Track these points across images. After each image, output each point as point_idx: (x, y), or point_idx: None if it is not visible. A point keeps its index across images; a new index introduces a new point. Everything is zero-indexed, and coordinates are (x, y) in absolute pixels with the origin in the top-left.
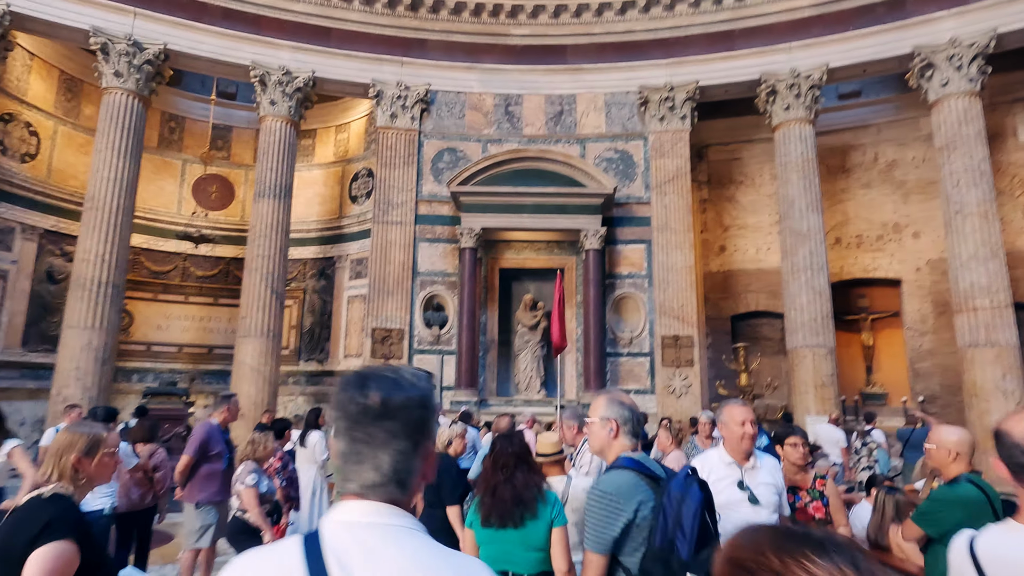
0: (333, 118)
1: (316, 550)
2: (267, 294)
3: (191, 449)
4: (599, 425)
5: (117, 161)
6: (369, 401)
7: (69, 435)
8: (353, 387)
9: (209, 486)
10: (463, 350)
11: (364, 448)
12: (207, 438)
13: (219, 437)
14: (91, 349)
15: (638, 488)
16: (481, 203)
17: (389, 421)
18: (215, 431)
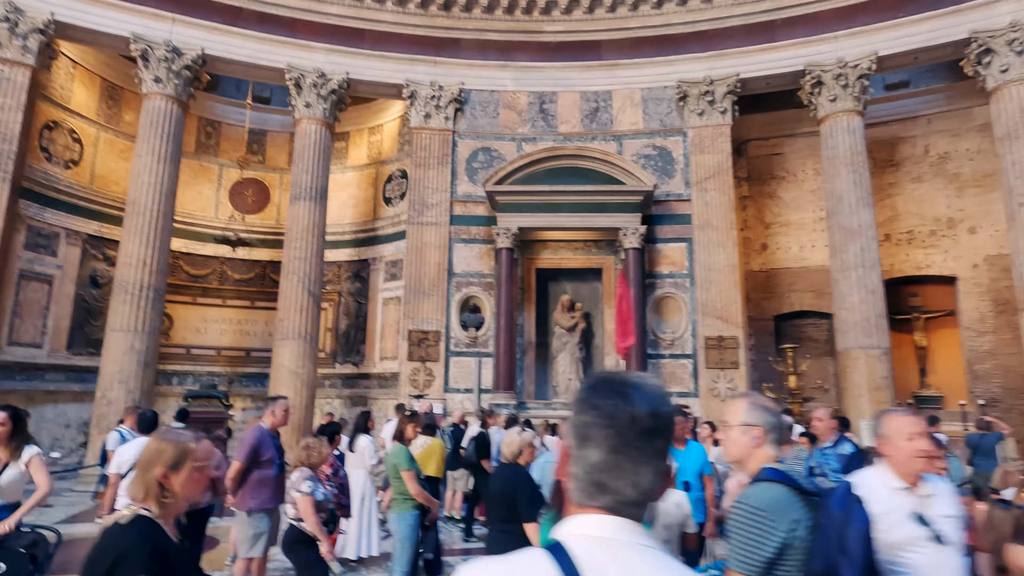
0: (366, 120)
1: (570, 567)
2: (304, 296)
3: (242, 454)
4: (739, 432)
5: (157, 166)
6: (640, 412)
7: (156, 444)
8: (616, 394)
9: (260, 493)
10: (500, 352)
11: (626, 462)
12: (258, 443)
13: (270, 442)
14: (134, 352)
15: (792, 505)
16: (517, 202)
17: (657, 437)
18: (266, 436)
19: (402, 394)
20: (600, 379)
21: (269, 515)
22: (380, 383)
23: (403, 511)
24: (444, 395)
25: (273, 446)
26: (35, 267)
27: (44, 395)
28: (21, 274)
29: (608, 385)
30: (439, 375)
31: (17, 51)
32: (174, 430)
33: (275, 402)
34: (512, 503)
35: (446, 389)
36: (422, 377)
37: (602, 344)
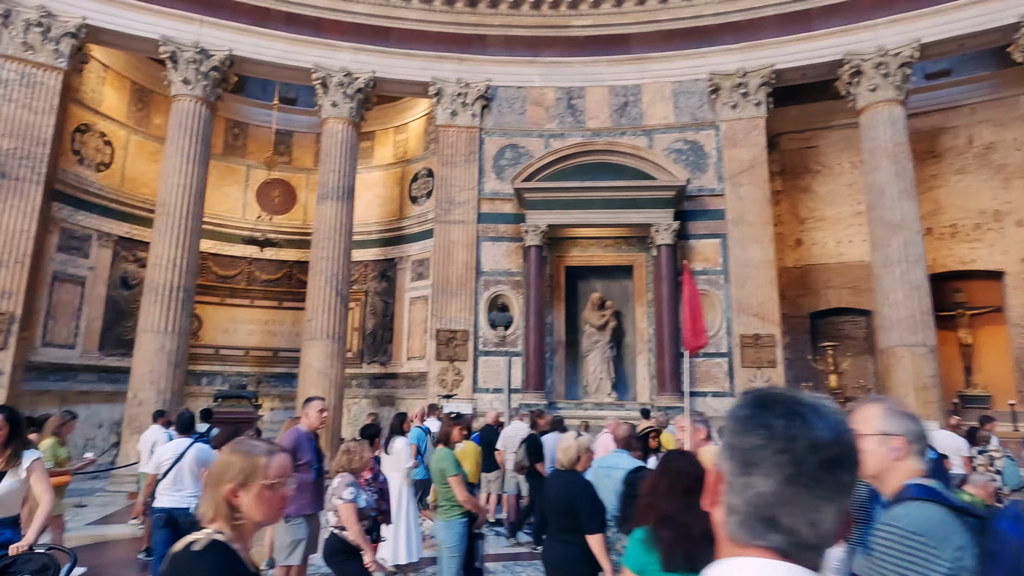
0: (391, 119)
1: None
2: (332, 296)
3: None
4: (876, 442)
5: (186, 167)
6: (822, 438)
7: (225, 457)
8: (792, 414)
9: (298, 498)
10: (530, 351)
11: (804, 495)
12: (295, 446)
13: (308, 444)
14: (164, 353)
15: (952, 528)
16: (546, 199)
17: (843, 470)
18: (303, 438)
19: (430, 394)
20: (767, 395)
21: (308, 521)
22: (408, 383)
23: (450, 518)
24: (473, 395)
25: (311, 449)
26: (68, 269)
27: (77, 395)
28: (54, 276)
29: (779, 402)
30: (467, 375)
31: (49, 55)
32: (248, 441)
33: (309, 403)
34: (572, 513)
35: (475, 389)
36: (450, 377)
37: (633, 343)
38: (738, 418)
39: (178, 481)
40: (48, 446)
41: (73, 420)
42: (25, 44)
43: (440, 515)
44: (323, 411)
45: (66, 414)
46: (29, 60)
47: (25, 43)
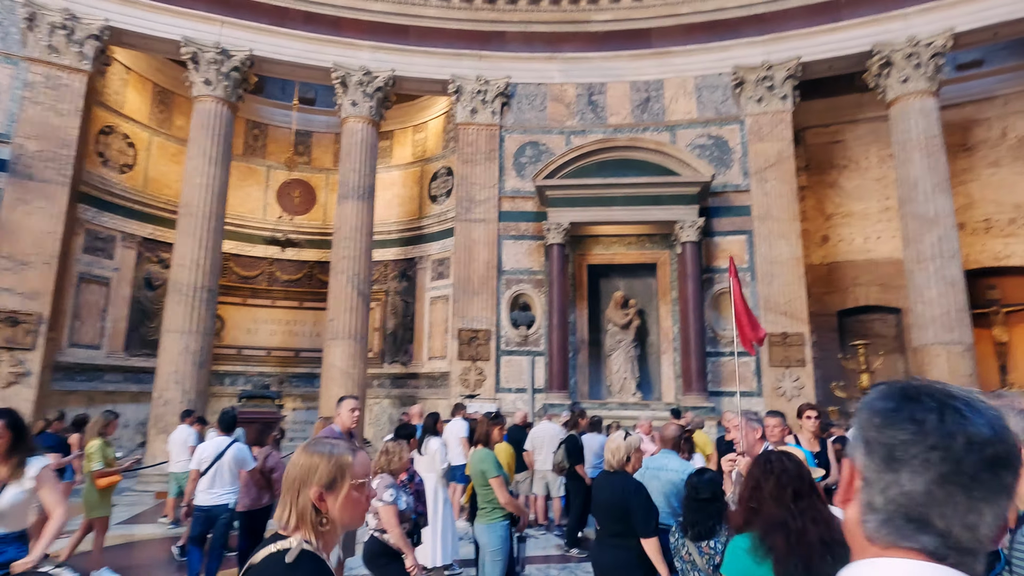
0: (410, 118)
1: None
2: (353, 296)
3: None
4: None
5: (208, 167)
6: (980, 435)
7: (307, 459)
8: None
9: None
10: (553, 351)
11: (959, 495)
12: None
13: (336, 434)
14: (188, 353)
15: None
16: (568, 196)
17: (1005, 470)
18: (334, 431)
19: (453, 394)
20: (913, 387)
21: None
22: (429, 383)
23: (492, 521)
24: (496, 395)
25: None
26: (93, 270)
27: (103, 395)
28: (80, 277)
29: (929, 395)
30: (490, 374)
31: (74, 57)
32: (326, 440)
33: (342, 402)
34: (624, 516)
35: (497, 389)
36: (473, 376)
37: (657, 342)
38: (879, 410)
39: (218, 479)
40: (96, 447)
41: (116, 419)
42: (50, 47)
43: (481, 518)
44: (355, 410)
45: (108, 414)
46: (54, 63)
47: (50, 46)
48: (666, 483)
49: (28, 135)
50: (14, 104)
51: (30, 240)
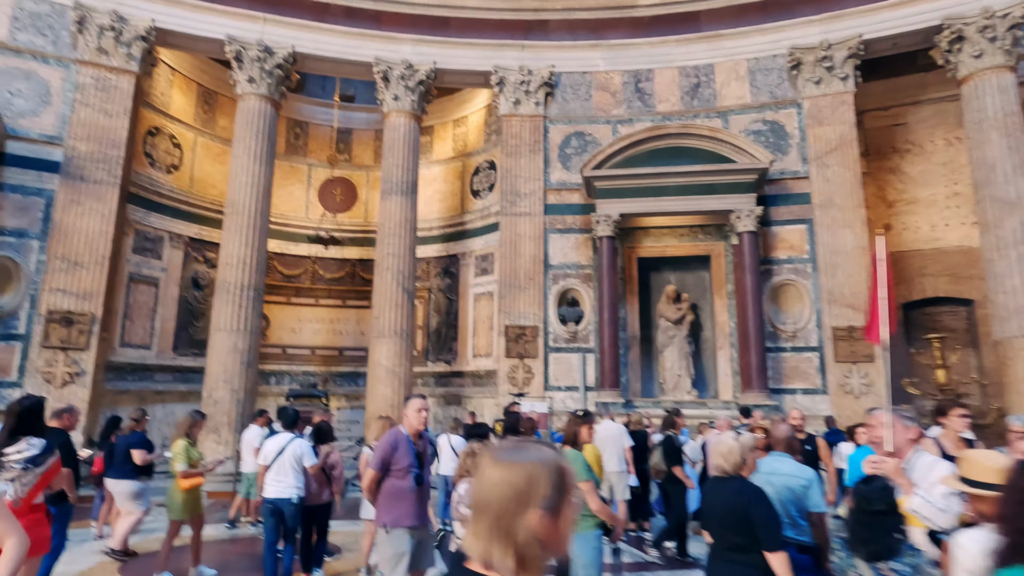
0: (450, 113)
1: None
2: (399, 293)
3: (375, 462)
4: None
5: (253, 165)
6: None
7: (515, 471)
8: None
9: (395, 507)
10: (605, 347)
11: None
12: (391, 448)
13: (408, 448)
14: (236, 352)
15: None
16: (617, 187)
17: None
18: (402, 440)
19: (500, 392)
20: None
21: (413, 534)
22: (475, 381)
23: (584, 531)
24: (544, 393)
25: (412, 453)
26: (142, 270)
27: (154, 395)
28: (130, 277)
29: None
30: (538, 372)
31: (122, 59)
32: (523, 443)
33: (408, 402)
34: (744, 527)
35: (546, 387)
36: (521, 374)
37: (712, 337)
38: None
39: (281, 473)
40: (181, 448)
41: (203, 420)
42: (99, 49)
43: None
44: (423, 410)
45: (196, 414)
46: (103, 64)
47: (99, 48)
48: (781, 489)
49: (79, 137)
50: (66, 107)
51: (82, 241)
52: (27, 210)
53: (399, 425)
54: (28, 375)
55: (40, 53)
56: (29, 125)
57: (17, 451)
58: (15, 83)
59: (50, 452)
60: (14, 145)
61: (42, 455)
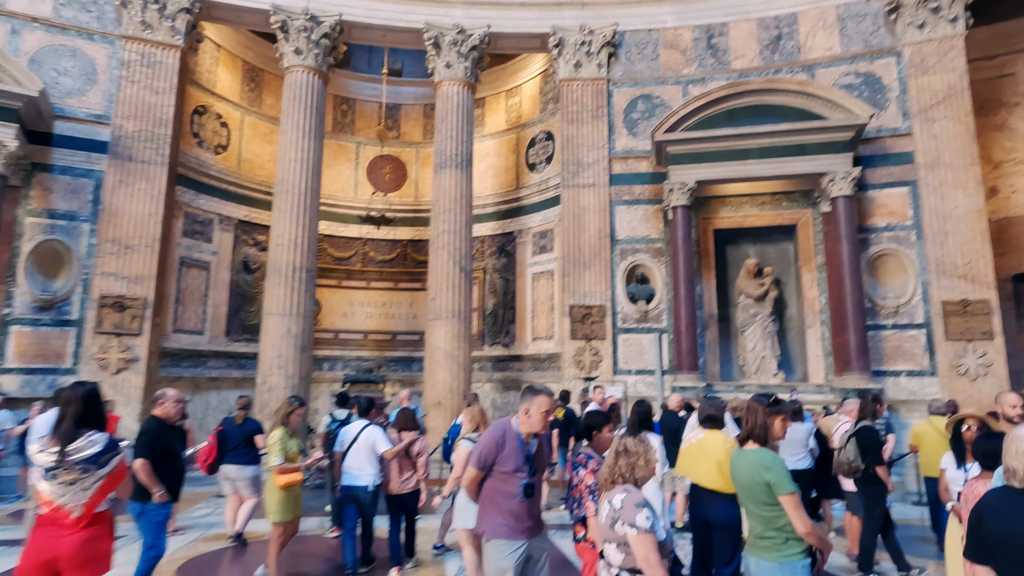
0: (502, 83)
1: None
2: (455, 272)
3: (474, 457)
4: None
5: (302, 141)
6: None
7: None
8: None
9: (495, 515)
10: (682, 327)
11: None
12: (494, 447)
13: (517, 449)
14: (290, 336)
15: None
16: (693, 152)
17: None
18: (511, 439)
19: (565, 377)
20: None
21: (517, 548)
22: (535, 365)
23: (787, 558)
24: (614, 377)
25: (523, 456)
26: (193, 254)
27: (207, 382)
28: (181, 261)
29: None
30: (607, 355)
31: (167, 32)
32: None
33: (532, 397)
34: None
35: (615, 371)
36: (588, 358)
37: (799, 315)
38: None
39: (355, 460)
40: (277, 438)
41: (302, 407)
42: (143, 23)
43: (767, 551)
44: (549, 414)
45: (294, 400)
46: (148, 39)
47: (143, 22)
48: None
49: (126, 115)
50: (112, 85)
51: (132, 223)
52: (77, 192)
53: (511, 417)
54: (83, 362)
55: (85, 29)
56: (76, 104)
57: (78, 448)
58: (61, 61)
59: (114, 450)
60: (62, 125)
61: (106, 453)
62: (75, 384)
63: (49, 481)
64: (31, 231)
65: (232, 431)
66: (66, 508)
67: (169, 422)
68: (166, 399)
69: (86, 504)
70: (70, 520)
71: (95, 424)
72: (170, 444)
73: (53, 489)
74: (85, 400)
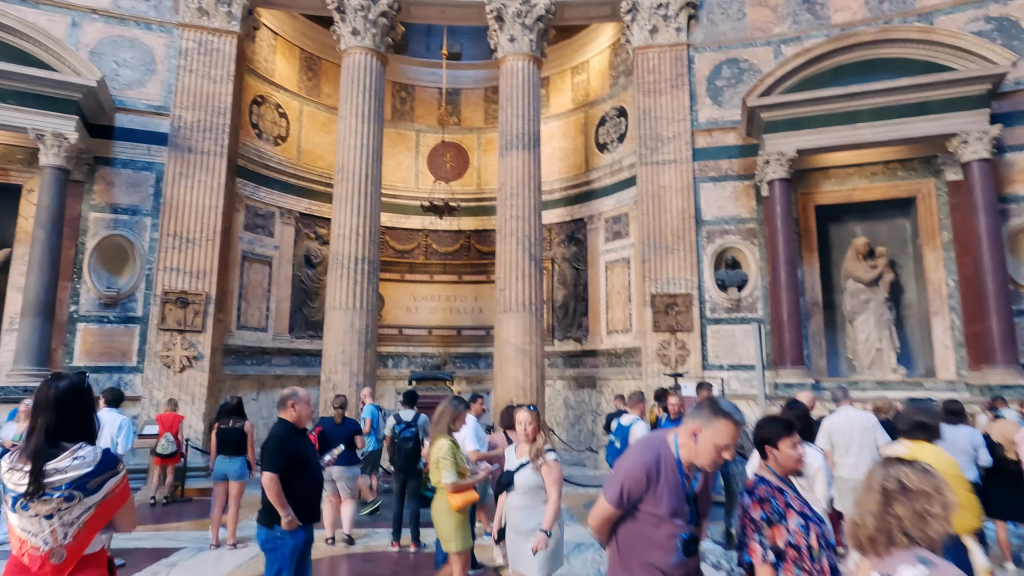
0: (567, 59)
1: None
2: (525, 261)
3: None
4: None
5: (362, 126)
6: None
7: None
8: None
9: (648, 548)
10: (783, 316)
11: None
12: (643, 477)
13: (676, 483)
14: (354, 331)
15: None
16: (791, 118)
17: None
18: (668, 468)
19: (647, 373)
20: None
21: None
22: (611, 361)
23: None
24: (703, 373)
25: (684, 494)
26: (255, 248)
27: (272, 380)
28: (244, 255)
29: None
30: (694, 348)
31: (223, 19)
32: None
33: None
34: None
35: (705, 366)
36: (673, 351)
37: (920, 301)
38: None
39: None
40: (447, 450)
41: (466, 411)
42: (200, 10)
43: None
44: (728, 449)
45: (458, 403)
46: (204, 26)
47: (200, 8)
48: None
49: (185, 105)
50: (170, 74)
51: (193, 216)
52: (138, 186)
53: (667, 433)
54: (148, 359)
55: (143, 19)
56: (136, 96)
57: (58, 468)
58: (120, 52)
59: (111, 469)
60: (122, 118)
61: (98, 474)
62: (51, 379)
63: (19, 513)
64: (95, 226)
65: (332, 431)
66: (42, 551)
67: (299, 427)
68: (297, 400)
69: (70, 545)
70: (48, 568)
71: (81, 433)
72: (303, 453)
73: (24, 524)
74: (62, 402)
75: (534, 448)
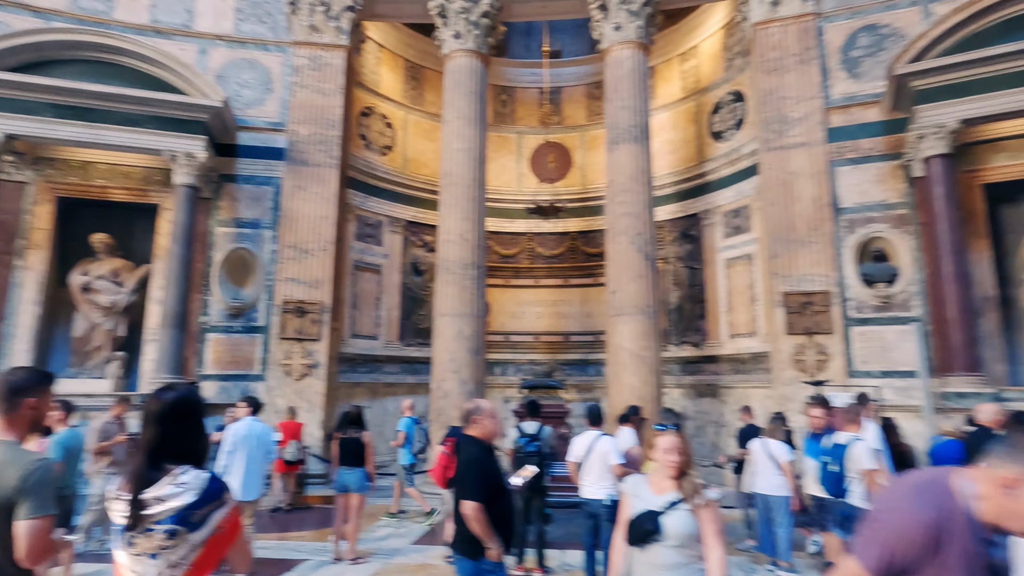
0: (674, 46)
1: None
2: (638, 260)
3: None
4: None
5: (466, 129)
6: None
7: None
8: None
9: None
10: (948, 314)
11: None
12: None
13: (972, 546)
14: (462, 338)
15: None
16: (951, 83)
17: None
18: (956, 522)
19: (780, 380)
20: None
21: None
22: (735, 368)
23: None
24: (848, 380)
25: (977, 544)
26: (365, 257)
27: (384, 388)
28: (355, 264)
29: None
30: (836, 352)
31: (333, 33)
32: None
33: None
34: None
35: (850, 372)
36: (811, 356)
37: None
38: None
39: (588, 472)
40: None
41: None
42: (311, 27)
43: None
44: None
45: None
46: (315, 43)
47: (312, 26)
48: None
49: (299, 120)
50: (286, 91)
51: (308, 227)
52: (259, 200)
53: (952, 475)
54: (269, 368)
55: (261, 40)
56: (256, 114)
57: (158, 497)
58: (242, 74)
59: (217, 498)
60: (244, 136)
61: (202, 505)
62: (160, 389)
63: (125, 550)
64: (221, 240)
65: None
66: None
67: (489, 443)
68: (481, 414)
69: None
70: None
71: (188, 454)
72: (502, 475)
73: (131, 564)
74: (169, 417)
75: (689, 484)
